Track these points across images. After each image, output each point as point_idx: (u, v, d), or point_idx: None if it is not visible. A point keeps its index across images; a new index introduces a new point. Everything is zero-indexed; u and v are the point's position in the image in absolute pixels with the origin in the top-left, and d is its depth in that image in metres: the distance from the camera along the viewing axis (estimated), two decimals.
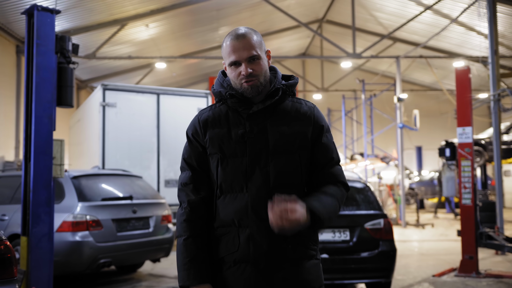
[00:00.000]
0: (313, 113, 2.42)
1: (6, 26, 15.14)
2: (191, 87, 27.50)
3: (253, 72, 2.28)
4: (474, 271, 8.45)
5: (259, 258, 2.25)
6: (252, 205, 2.27)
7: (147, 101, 11.57)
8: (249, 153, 2.30)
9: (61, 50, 6.65)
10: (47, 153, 6.44)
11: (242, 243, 2.26)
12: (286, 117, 2.37)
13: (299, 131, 2.35)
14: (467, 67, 9.21)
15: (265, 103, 2.33)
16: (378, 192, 18.31)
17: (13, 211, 7.70)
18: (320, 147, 2.39)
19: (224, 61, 2.37)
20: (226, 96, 2.35)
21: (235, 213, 2.28)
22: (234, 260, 2.27)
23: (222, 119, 2.37)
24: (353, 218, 6.81)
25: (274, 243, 2.25)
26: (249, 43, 2.29)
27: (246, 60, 2.28)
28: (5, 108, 15.88)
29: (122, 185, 8.51)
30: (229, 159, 2.32)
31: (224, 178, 2.32)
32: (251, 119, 2.33)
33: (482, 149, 14.76)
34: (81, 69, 19.98)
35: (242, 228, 2.27)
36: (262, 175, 2.28)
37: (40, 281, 6.26)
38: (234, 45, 2.29)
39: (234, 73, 2.32)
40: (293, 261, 2.29)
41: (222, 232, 2.32)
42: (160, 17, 17.87)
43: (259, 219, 2.25)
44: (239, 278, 2.26)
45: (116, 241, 7.60)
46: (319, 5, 22.74)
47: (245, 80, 2.29)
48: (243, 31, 2.32)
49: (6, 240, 3.59)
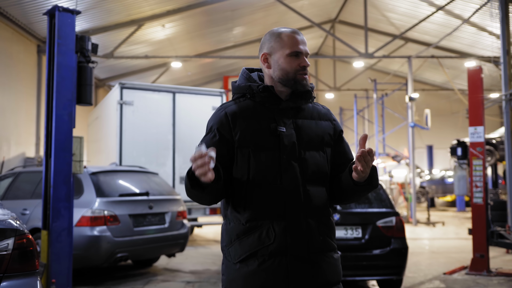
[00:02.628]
0: (332, 116, 2.53)
1: (28, 27, 15.43)
2: (206, 86, 27.69)
3: (308, 67, 2.39)
4: (485, 269, 8.47)
5: (296, 249, 2.26)
6: (287, 197, 2.29)
7: (163, 99, 11.67)
8: (282, 146, 2.32)
9: (81, 49, 6.77)
10: (67, 150, 6.57)
11: (278, 235, 2.26)
12: (312, 116, 2.45)
13: (324, 129, 2.45)
14: (479, 67, 9.21)
15: (296, 102, 2.40)
16: (389, 191, 18.33)
17: (34, 206, 7.85)
18: (341, 148, 2.50)
19: (274, 52, 2.38)
20: (258, 90, 2.37)
21: (270, 205, 2.29)
22: (270, 253, 2.26)
23: (251, 112, 2.37)
24: (365, 215, 6.86)
25: (309, 235, 2.30)
26: (305, 41, 2.41)
27: (304, 54, 2.38)
28: (26, 106, 16.19)
29: (139, 181, 8.61)
30: (261, 152, 2.32)
31: (256, 170, 2.31)
32: (280, 114, 2.37)
33: (493, 148, 14.76)
34: (99, 68, 20.19)
35: (277, 221, 2.27)
36: (295, 168, 2.31)
37: (60, 274, 6.39)
38: (297, 38, 2.37)
39: (292, 64, 2.36)
40: (324, 252, 2.34)
41: (253, 225, 2.29)
42: (176, 18, 18.03)
43: (295, 211, 2.28)
44: (275, 270, 2.25)
45: (133, 236, 7.71)
46: (332, 5, 22.77)
47: (301, 72, 2.36)
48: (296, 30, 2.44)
49: (29, 234, 3.60)
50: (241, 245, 2.30)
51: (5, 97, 14.78)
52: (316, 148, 2.39)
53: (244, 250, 2.29)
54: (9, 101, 15.01)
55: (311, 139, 2.38)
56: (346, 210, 6.88)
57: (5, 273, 3.33)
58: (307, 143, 2.37)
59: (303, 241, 2.28)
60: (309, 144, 2.37)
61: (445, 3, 17.04)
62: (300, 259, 2.27)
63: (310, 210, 2.31)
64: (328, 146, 2.44)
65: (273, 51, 2.39)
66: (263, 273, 2.25)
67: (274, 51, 2.38)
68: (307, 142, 2.37)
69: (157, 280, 8.10)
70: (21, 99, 15.82)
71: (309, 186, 2.33)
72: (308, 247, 2.29)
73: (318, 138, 2.41)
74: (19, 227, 3.53)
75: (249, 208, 2.31)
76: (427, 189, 23.55)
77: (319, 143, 2.40)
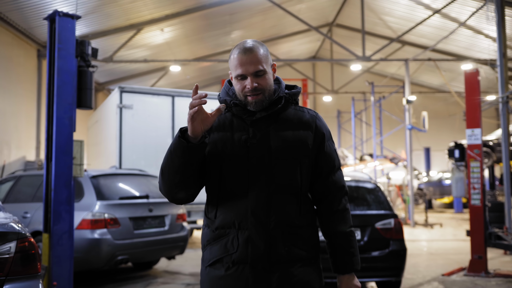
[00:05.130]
0: (315, 121, 2.48)
1: (28, 31, 15.54)
2: (204, 89, 27.77)
3: (258, 86, 2.33)
4: (483, 270, 8.51)
5: (256, 259, 2.30)
6: (252, 208, 2.32)
7: (162, 103, 11.72)
8: (251, 157, 2.35)
9: (81, 54, 6.79)
10: (68, 153, 6.59)
11: (241, 245, 2.31)
12: (289, 124, 2.43)
13: (300, 138, 2.41)
14: (476, 70, 9.25)
15: (268, 111, 2.40)
16: (387, 193, 18.39)
17: (35, 209, 7.88)
18: (323, 155, 2.47)
19: (231, 72, 2.41)
20: (231, 105, 2.40)
21: (235, 215, 2.33)
22: (233, 261, 2.32)
23: (227, 124, 2.42)
24: (364, 218, 6.86)
25: (271, 246, 2.32)
26: (255, 58, 2.34)
27: (252, 75, 2.33)
28: (27, 110, 16.26)
29: (139, 184, 8.65)
30: (231, 162, 2.36)
31: (225, 181, 2.37)
32: (254, 125, 2.38)
33: (490, 150, 14.84)
34: (99, 72, 20.24)
35: (241, 230, 2.32)
36: (263, 179, 2.34)
37: (61, 277, 6.41)
38: (241, 59, 2.34)
39: (240, 86, 2.37)
40: (289, 263, 2.34)
41: (221, 233, 2.36)
42: (175, 22, 18.12)
43: (258, 222, 2.31)
44: (238, 278, 2.31)
45: (133, 239, 7.74)
46: (329, 9, 22.87)
47: (249, 94, 2.34)
48: (250, 45, 2.37)
49: (30, 237, 3.63)
50: (210, 250, 2.39)
51: (5, 101, 14.84)
52: (288, 158, 2.38)
53: (212, 256, 2.38)
54: (9, 105, 15.07)
55: (283, 148, 2.38)
56: None
57: (7, 276, 3.37)
58: (278, 153, 2.37)
59: (265, 252, 2.31)
60: (280, 155, 2.37)
61: (441, 6, 17.13)
62: (260, 269, 2.31)
63: (275, 222, 2.33)
64: (303, 155, 2.42)
65: (231, 71, 2.43)
66: (226, 279, 2.33)
67: (231, 71, 2.42)
68: (278, 152, 2.37)
69: (157, 283, 8.15)
70: (22, 103, 15.89)
71: (276, 197, 2.35)
72: (269, 257, 2.32)
73: (292, 148, 2.39)
74: (21, 231, 3.56)
75: (219, 216, 2.38)
76: (424, 191, 23.64)
77: (292, 153, 2.39)
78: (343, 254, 2.43)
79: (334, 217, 2.46)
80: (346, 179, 7.79)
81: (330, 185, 2.48)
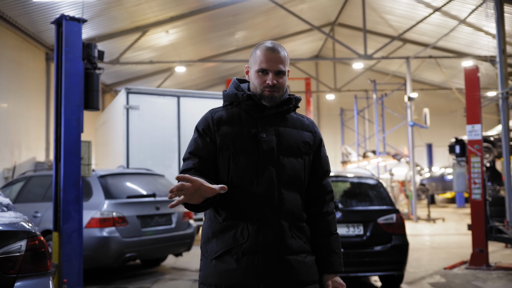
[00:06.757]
0: (314, 127, 2.64)
1: (36, 35, 15.77)
2: (209, 89, 28.02)
3: (277, 84, 2.47)
4: (484, 263, 8.61)
5: (268, 249, 2.36)
6: (262, 199, 2.40)
7: (168, 103, 11.84)
8: (261, 150, 2.44)
9: (88, 56, 6.91)
10: (76, 154, 6.69)
11: (251, 234, 2.37)
12: (294, 125, 2.57)
13: (304, 139, 2.56)
14: (476, 67, 9.35)
15: (278, 109, 2.51)
16: (390, 188, 18.44)
17: (45, 209, 8.01)
18: (319, 159, 2.62)
19: (251, 66, 2.53)
20: (243, 98, 2.49)
21: (245, 206, 2.39)
22: (243, 251, 2.36)
23: (235, 118, 2.51)
24: (367, 213, 6.97)
25: (281, 237, 2.40)
26: (280, 58, 2.48)
27: (274, 72, 2.46)
28: (36, 112, 16.48)
29: (146, 183, 8.77)
30: (241, 155, 2.44)
31: (235, 172, 2.43)
32: (263, 121, 2.49)
33: (491, 145, 14.93)
34: (106, 74, 20.46)
35: (251, 221, 2.38)
36: (272, 172, 2.43)
37: (71, 274, 6.53)
38: (268, 55, 2.47)
39: (259, 80, 2.48)
40: (297, 254, 2.43)
41: (229, 224, 2.41)
42: (180, 23, 18.26)
43: (269, 212, 2.39)
44: (248, 268, 2.35)
45: (141, 236, 7.85)
46: (331, 9, 22.96)
47: (268, 89, 2.46)
48: (277, 45, 2.51)
49: (40, 235, 3.68)
50: (217, 242, 2.42)
51: (15, 104, 15.06)
52: (295, 155, 2.51)
53: (220, 247, 2.40)
54: (19, 107, 15.29)
55: (291, 146, 2.50)
56: (347, 208, 7.03)
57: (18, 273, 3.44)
58: (286, 149, 2.48)
59: (275, 242, 2.38)
60: (287, 151, 2.49)
61: (442, 4, 17.21)
62: (271, 258, 2.37)
63: (283, 213, 2.42)
64: (306, 154, 2.55)
65: (250, 65, 2.55)
66: (236, 270, 2.37)
67: (251, 65, 2.54)
68: (286, 148, 2.49)
69: (165, 279, 8.24)
70: (31, 106, 16.11)
71: (284, 190, 2.45)
72: (280, 247, 2.39)
73: (298, 146, 2.52)
74: (31, 229, 3.63)
75: (227, 208, 2.43)
76: (427, 186, 23.70)
77: (298, 151, 2.52)
78: (330, 254, 2.54)
79: (323, 218, 2.58)
80: (349, 175, 7.94)
81: (321, 188, 2.61)
